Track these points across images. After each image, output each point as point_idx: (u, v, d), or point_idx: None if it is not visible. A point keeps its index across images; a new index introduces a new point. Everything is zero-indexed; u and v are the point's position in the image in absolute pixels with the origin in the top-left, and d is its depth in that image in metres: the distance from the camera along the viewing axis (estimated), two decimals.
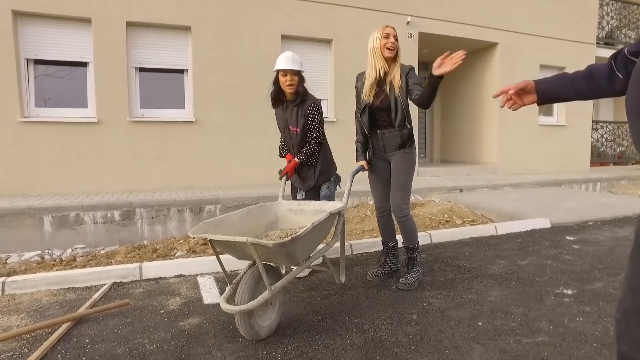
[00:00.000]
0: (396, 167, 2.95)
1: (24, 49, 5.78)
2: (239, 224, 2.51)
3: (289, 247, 2.02)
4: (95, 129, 6.04)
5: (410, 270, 3.03)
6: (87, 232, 4.95)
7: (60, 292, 2.95)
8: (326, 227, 2.49)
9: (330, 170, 3.27)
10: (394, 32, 2.90)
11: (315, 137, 3.14)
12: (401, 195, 2.91)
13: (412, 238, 3.00)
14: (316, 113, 3.13)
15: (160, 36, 6.45)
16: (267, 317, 2.27)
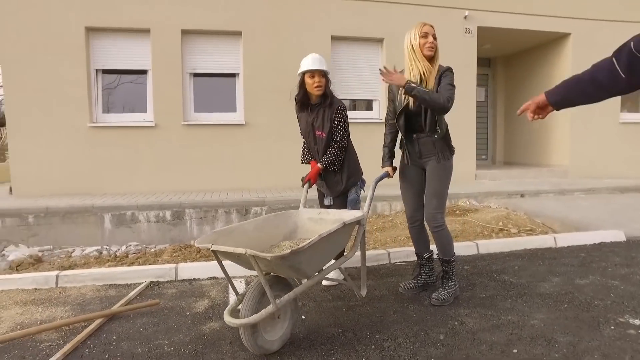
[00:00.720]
0: (432, 173, 2.76)
1: (94, 60, 6.33)
2: (253, 233, 2.44)
3: (291, 260, 1.92)
4: (153, 133, 6.44)
5: (444, 285, 2.82)
6: (142, 231, 5.28)
7: (103, 288, 3.15)
8: (342, 238, 2.37)
9: (357, 174, 3.18)
10: (432, 30, 2.71)
11: (338, 141, 3.03)
12: (436, 204, 2.72)
13: (447, 250, 2.78)
14: (342, 116, 3.03)
15: (212, 42, 6.71)
16: (277, 330, 2.19)
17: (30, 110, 6.14)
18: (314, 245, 1.98)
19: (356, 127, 7.32)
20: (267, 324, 2.12)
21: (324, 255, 2.25)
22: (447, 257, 2.79)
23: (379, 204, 6.16)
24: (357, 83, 7.39)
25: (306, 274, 2.14)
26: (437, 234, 2.74)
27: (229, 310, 2.12)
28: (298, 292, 2.15)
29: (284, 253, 1.86)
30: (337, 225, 2.20)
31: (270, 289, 1.99)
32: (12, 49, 6.08)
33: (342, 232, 2.29)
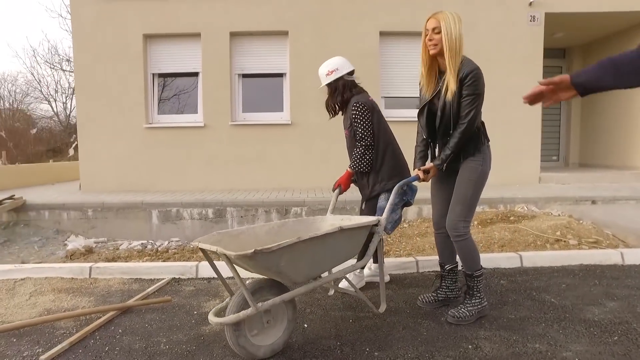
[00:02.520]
0: (460, 177, 2.50)
1: (151, 65, 6.76)
2: (264, 237, 2.37)
3: (260, 260, 1.83)
4: (202, 133, 6.71)
5: (465, 302, 2.53)
6: (186, 227, 5.52)
7: (128, 281, 3.31)
8: (345, 245, 2.21)
9: (391, 179, 2.90)
10: (435, 23, 2.36)
11: (359, 140, 2.89)
12: (460, 211, 2.46)
13: (470, 263, 2.50)
14: (358, 113, 2.86)
15: (260, 43, 6.82)
16: (268, 337, 2.11)
17: (96, 113, 6.73)
18: (293, 249, 1.88)
19: (404, 126, 7.03)
20: (255, 327, 2.05)
21: (318, 261, 2.10)
22: (470, 271, 2.50)
23: (425, 207, 5.81)
24: (407, 80, 7.06)
25: (291, 279, 2.03)
26: (458, 245, 2.49)
27: (216, 309, 2.11)
28: (285, 298, 2.05)
29: (247, 252, 1.78)
30: (326, 230, 2.05)
31: (248, 291, 1.93)
32: (84, 58, 6.71)
33: (341, 239, 2.14)
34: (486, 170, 2.47)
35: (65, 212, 5.60)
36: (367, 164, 2.91)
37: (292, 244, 1.89)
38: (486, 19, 6.80)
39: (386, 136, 2.94)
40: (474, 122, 2.35)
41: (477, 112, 2.34)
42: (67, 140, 17.64)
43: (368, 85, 6.80)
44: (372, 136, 2.89)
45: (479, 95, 2.32)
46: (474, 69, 2.31)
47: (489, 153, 2.48)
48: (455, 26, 2.31)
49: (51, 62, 24.18)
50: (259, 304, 1.95)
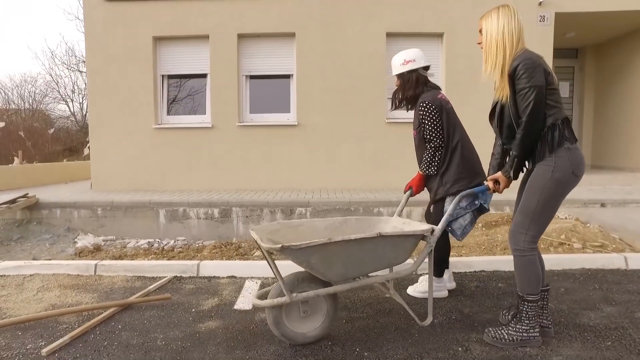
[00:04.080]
0: (528, 184, 2.21)
1: (160, 67, 6.89)
2: (322, 232, 2.45)
3: (290, 255, 1.96)
4: (210, 133, 6.81)
5: (510, 324, 2.24)
6: (192, 227, 5.62)
7: (132, 279, 3.40)
8: (386, 251, 2.19)
9: (456, 182, 2.69)
10: (480, 24, 2.30)
11: (427, 141, 2.76)
12: (520, 221, 2.18)
13: (525, 283, 2.19)
14: (426, 113, 2.72)
15: (267, 44, 6.90)
16: (304, 325, 2.21)
17: (107, 113, 6.89)
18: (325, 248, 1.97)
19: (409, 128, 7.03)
20: (292, 315, 2.19)
21: (355, 263, 2.12)
22: (521, 292, 2.20)
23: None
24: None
25: (327, 277, 2.11)
26: (515, 259, 2.22)
27: (260, 292, 2.34)
28: (320, 293, 2.14)
29: (276, 246, 1.91)
30: (362, 234, 2.06)
31: (283, 281, 2.09)
32: (96, 60, 6.88)
33: (381, 244, 2.14)
34: (561, 177, 2.07)
35: (76, 210, 5.75)
36: (434, 166, 2.78)
37: (321, 244, 1.96)
38: None
39: (455, 137, 2.74)
40: (533, 119, 2.05)
41: (535, 107, 2.04)
42: (82, 139, 18.03)
43: (374, 86, 6.87)
44: (440, 137, 2.74)
45: (533, 87, 2.04)
46: (523, 60, 2.08)
47: (569, 156, 2.08)
48: (498, 22, 2.17)
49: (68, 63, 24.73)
50: (294, 295, 2.08)
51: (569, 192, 2.15)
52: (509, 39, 2.15)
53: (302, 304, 2.17)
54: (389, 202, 5.80)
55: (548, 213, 2.14)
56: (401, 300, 2.45)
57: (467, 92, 6.82)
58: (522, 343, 2.18)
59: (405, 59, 2.80)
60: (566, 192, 2.14)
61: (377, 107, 6.89)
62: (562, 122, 2.10)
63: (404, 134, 6.88)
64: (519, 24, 2.19)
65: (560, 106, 2.13)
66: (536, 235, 2.16)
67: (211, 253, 4.60)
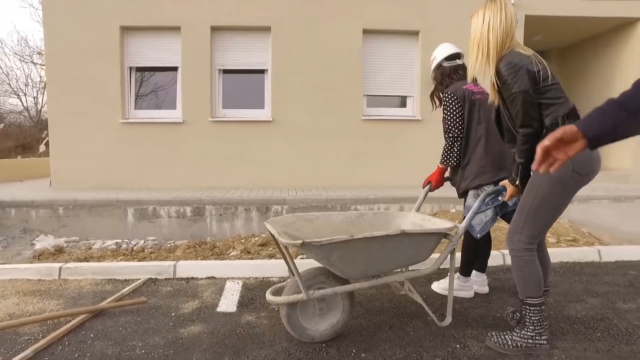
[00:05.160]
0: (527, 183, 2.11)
1: (128, 58, 6.52)
2: (339, 225, 2.41)
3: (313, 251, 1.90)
4: (181, 129, 6.52)
5: (515, 329, 2.15)
6: (162, 226, 5.34)
7: (101, 282, 3.14)
8: (408, 249, 2.11)
9: (478, 176, 2.61)
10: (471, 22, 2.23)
11: (445, 132, 2.70)
12: (516, 221, 2.10)
13: (523, 286, 2.09)
14: (446, 103, 2.67)
15: (241, 38, 6.69)
16: (319, 323, 2.15)
17: (69, 107, 6.44)
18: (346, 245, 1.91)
19: (388, 125, 7.04)
20: (307, 312, 2.13)
21: (377, 261, 2.06)
22: (521, 296, 2.12)
23: (406, 205, 5.80)
24: (390, 79, 7.06)
25: (346, 274, 2.05)
26: (512, 260, 2.12)
27: (274, 288, 2.26)
28: (337, 291, 2.09)
29: (296, 242, 1.86)
30: (386, 232, 1.99)
31: (300, 277, 2.02)
32: (56, 50, 6.41)
33: (404, 242, 2.06)
34: (559, 175, 1.92)
35: (34, 209, 5.33)
36: (455, 157, 2.68)
37: (343, 240, 1.90)
38: (464, 21, 6.84)
39: (479, 129, 2.63)
40: (525, 124, 1.99)
41: (525, 113, 1.97)
42: (37, 136, 16.95)
43: (351, 83, 6.81)
44: (459, 128, 2.64)
45: (517, 94, 1.97)
46: (504, 64, 2.00)
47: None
48: (484, 19, 2.08)
49: (21, 54, 23.19)
50: (311, 292, 2.02)
51: (575, 191, 1.99)
52: (493, 36, 2.03)
53: (319, 301, 2.11)
54: (366, 199, 5.76)
55: (545, 213, 2.01)
56: (420, 299, 2.36)
57: None
58: (527, 350, 2.06)
59: (431, 58, 2.85)
60: (569, 191, 1.98)
61: (353, 104, 6.84)
62: (563, 118, 1.96)
63: (381, 132, 6.89)
64: (506, 19, 2.05)
65: (559, 102, 1.99)
66: (532, 236, 2.04)
67: (185, 253, 4.37)
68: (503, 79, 2.00)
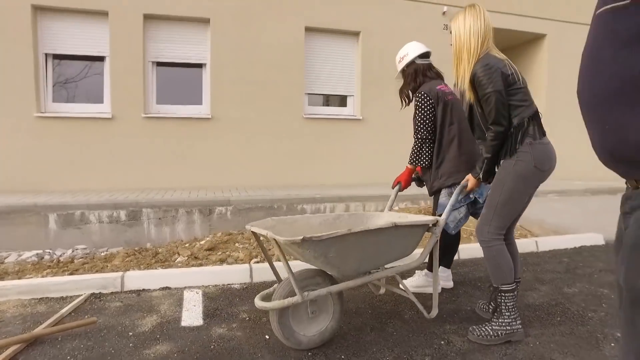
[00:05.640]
0: (494, 179, 2.26)
1: (43, 43, 5.72)
2: (317, 227, 2.36)
3: (311, 249, 1.82)
4: (110, 125, 5.89)
5: (492, 320, 2.24)
6: (92, 232, 4.76)
7: (30, 303, 2.67)
8: (398, 242, 2.12)
9: (452, 175, 2.64)
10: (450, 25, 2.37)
11: (415, 132, 2.71)
12: (485, 214, 2.23)
13: (496, 274, 2.21)
14: (418, 103, 2.67)
15: (177, 29, 6.23)
16: (311, 327, 2.08)
17: None
18: (343, 240, 1.87)
19: (330, 124, 7.06)
20: (299, 316, 2.05)
21: (369, 256, 2.04)
22: (495, 284, 2.24)
23: (352, 204, 5.85)
24: (331, 77, 7.08)
25: (340, 271, 2.00)
26: (483, 252, 2.25)
27: (262, 294, 2.12)
28: (332, 290, 2.04)
29: (296, 238, 1.77)
30: (379, 225, 1.98)
31: (296, 279, 1.93)
32: None
33: (394, 235, 2.07)
34: (522, 171, 2.11)
35: None
36: (425, 158, 2.71)
37: (342, 235, 1.86)
38: (403, 23, 7.13)
39: (452, 129, 2.66)
40: (497, 122, 2.12)
41: (497, 112, 2.10)
42: None
43: (292, 80, 6.71)
44: (428, 130, 2.67)
45: (491, 93, 2.10)
46: (480, 66, 2.13)
47: (531, 151, 2.11)
48: (465, 23, 2.21)
49: None
50: (305, 293, 1.94)
51: (536, 185, 2.18)
52: (474, 40, 2.18)
53: (311, 303, 2.06)
54: (312, 199, 5.70)
55: (511, 206, 2.16)
56: (410, 294, 2.34)
57: (381, 90, 7.09)
58: (507, 337, 2.16)
59: (399, 56, 2.81)
60: (530, 185, 2.16)
61: (295, 102, 6.74)
62: (528, 120, 2.14)
63: (323, 130, 6.88)
64: (485, 23, 2.21)
65: (525, 104, 2.15)
66: (500, 227, 2.18)
67: (125, 262, 3.92)
68: (479, 79, 2.14)
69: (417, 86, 2.76)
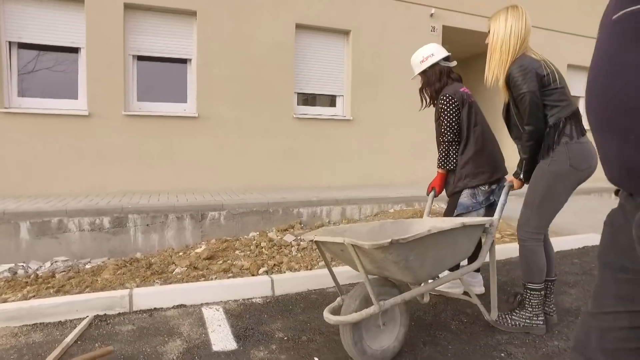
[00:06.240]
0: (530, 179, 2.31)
1: (6, 30, 5.12)
2: (366, 237, 2.23)
3: (393, 252, 1.71)
4: (86, 123, 5.37)
5: (515, 310, 2.33)
6: (72, 242, 4.28)
7: (22, 330, 2.27)
8: (463, 244, 2.07)
9: (478, 177, 2.62)
10: (488, 26, 2.38)
11: (441, 134, 2.69)
12: (523, 213, 2.30)
13: (527, 272, 2.28)
14: (444, 106, 2.65)
15: (161, 21, 5.79)
16: (380, 340, 1.95)
17: None
18: (422, 242, 1.79)
19: (320, 124, 6.85)
20: (370, 331, 1.93)
21: (440, 259, 1.97)
22: (524, 280, 2.31)
23: (348, 207, 5.68)
24: (320, 77, 6.88)
25: (416, 277, 1.90)
26: (519, 249, 2.32)
27: (330, 307, 1.96)
28: (406, 298, 1.93)
29: (384, 242, 1.65)
30: (452, 225, 1.94)
31: (372, 288, 1.82)
32: None
33: (461, 235, 2.03)
34: (557, 170, 2.15)
35: None
36: (453, 161, 2.68)
37: (424, 236, 1.77)
38: (393, 23, 7.06)
39: (476, 130, 2.68)
40: (532, 123, 2.17)
41: (531, 112, 2.15)
42: None
43: (282, 79, 6.45)
44: (454, 132, 2.65)
45: (525, 94, 2.15)
46: (516, 67, 2.18)
47: (567, 151, 2.14)
48: (506, 24, 2.22)
49: None
50: (381, 303, 1.82)
51: (575, 185, 2.19)
52: (513, 41, 2.21)
53: (382, 314, 1.95)
54: (308, 202, 5.48)
55: (549, 205, 2.19)
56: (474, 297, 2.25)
57: (371, 90, 6.99)
58: (524, 329, 2.26)
59: (423, 55, 2.76)
60: (567, 185, 2.18)
61: (285, 102, 6.48)
62: (565, 119, 2.17)
63: (314, 131, 6.67)
64: (525, 25, 2.24)
65: (562, 104, 2.18)
66: (539, 227, 2.22)
67: (117, 275, 3.53)
68: (514, 80, 2.18)
69: (442, 87, 2.76)
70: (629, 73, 0.77)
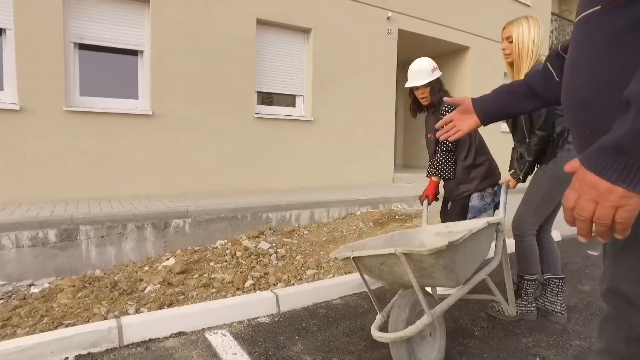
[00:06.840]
0: (531, 180, 2.50)
1: None
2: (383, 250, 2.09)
3: (446, 256, 1.68)
4: (17, 119, 4.58)
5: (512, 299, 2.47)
6: (7, 260, 3.59)
7: None
8: (484, 244, 2.09)
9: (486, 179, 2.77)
10: (508, 32, 2.43)
11: (440, 144, 2.77)
12: (522, 211, 2.47)
13: (524, 265, 2.51)
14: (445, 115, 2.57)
15: (108, 6, 5.14)
16: (427, 353, 1.89)
17: None
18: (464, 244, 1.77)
19: (282, 125, 6.59)
20: (418, 343, 1.86)
21: (473, 259, 1.96)
22: (521, 272, 2.53)
23: (317, 210, 5.52)
24: (280, 76, 6.63)
25: (458, 279, 1.85)
26: (516, 244, 2.52)
27: (376, 326, 1.89)
28: (451, 302, 1.85)
29: (442, 246, 1.61)
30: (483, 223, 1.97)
31: (424, 297, 1.76)
32: None
33: (484, 235, 2.04)
34: (558, 173, 2.33)
35: None
36: (448, 169, 2.78)
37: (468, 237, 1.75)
38: (353, 24, 7.04)
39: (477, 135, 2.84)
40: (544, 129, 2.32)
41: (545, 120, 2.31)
42: None
43: (242, 75, 6.12)
44: (453, 142, 2.74)
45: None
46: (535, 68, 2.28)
47: (568, 156, 2.30)
48: (530, 32, 2.32)
49: None
50: (432, 311, 1.76)
51: None
52: (535, 49, 2.34)
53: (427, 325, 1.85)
54: (277, 206, 5.22)
55: (547, 205, 2.40)
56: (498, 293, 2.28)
57: (331, 90, 6.90)
58: (520, 316, 2.49)
59: (432, 65, 2.84)
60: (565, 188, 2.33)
61: (246, 101, 6.14)
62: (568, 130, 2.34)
63: (275, 131, 6.41)
64: (541, 35, 2.39)
65: None
66: (535, 223, 2.43)
67: (77, 299, 3.02)
68: None
69: (440, 99, 2.86)
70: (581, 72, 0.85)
